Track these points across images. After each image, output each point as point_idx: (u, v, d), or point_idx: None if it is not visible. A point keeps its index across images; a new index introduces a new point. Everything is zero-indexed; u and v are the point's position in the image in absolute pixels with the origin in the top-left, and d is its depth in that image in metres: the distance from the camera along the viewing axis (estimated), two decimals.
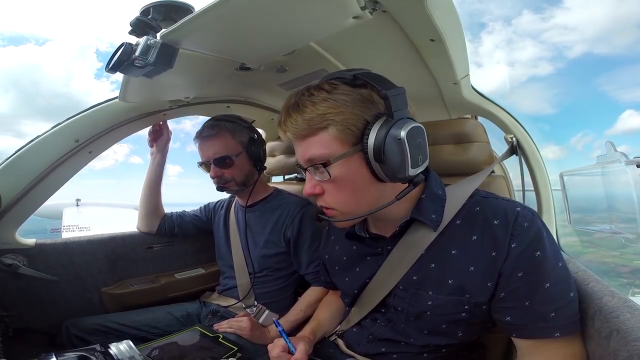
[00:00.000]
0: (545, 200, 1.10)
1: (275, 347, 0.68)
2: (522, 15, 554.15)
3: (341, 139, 0.55)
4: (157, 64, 0.63)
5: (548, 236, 0.56)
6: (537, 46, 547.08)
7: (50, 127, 1.00)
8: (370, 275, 0.69)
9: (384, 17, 0.65)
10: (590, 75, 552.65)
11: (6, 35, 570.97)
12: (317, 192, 0.60)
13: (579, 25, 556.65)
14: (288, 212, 1.10)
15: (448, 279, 0.59)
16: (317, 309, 0.89)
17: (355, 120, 0.54)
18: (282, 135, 0.61)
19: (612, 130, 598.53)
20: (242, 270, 1.14)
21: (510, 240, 0.55)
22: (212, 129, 1.07)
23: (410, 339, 0.66)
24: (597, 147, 5.71)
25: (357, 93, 0.55)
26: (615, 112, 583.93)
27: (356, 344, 0.73)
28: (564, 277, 0.55)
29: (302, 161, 0.60)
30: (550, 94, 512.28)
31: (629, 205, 1.09)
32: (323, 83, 0.57)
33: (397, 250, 0.65)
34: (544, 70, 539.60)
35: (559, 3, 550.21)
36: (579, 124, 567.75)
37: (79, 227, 4.35)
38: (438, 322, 0.62)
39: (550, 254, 0.54)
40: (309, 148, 0.58)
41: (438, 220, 0.61)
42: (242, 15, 0.58)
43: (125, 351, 0.75)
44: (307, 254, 1.08)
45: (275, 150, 1.41)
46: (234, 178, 1.08)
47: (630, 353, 0.41)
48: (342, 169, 0.56)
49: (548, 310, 0.53)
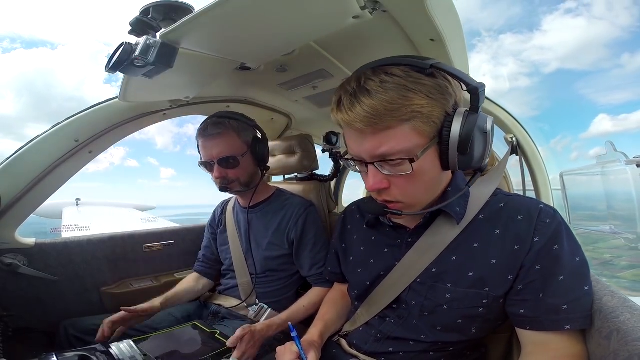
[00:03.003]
0: (545, 200, 1.10)
1: (287, 353, 0.65)
2: (505, 37, 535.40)
3: (422, 132, 0.52)
4: (157, 63, 0.63)
5: (567, 232, 0.57)
6: (517, 63, 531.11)
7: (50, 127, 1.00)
8: (385, 268, 0.69)
9: (384, 17, 0.65)
10: (563, 84, 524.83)
11: (24, 38, 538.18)
12: (384, 186, 0.56)
13: (553, 46, 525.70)
14: (292, 214, 1.10)
15: (469, 271, 0.60)
16: (321, 308, 0.87)
17: (438, 113, 0.53)
18: (342, 122, 0.55)
19: (586, 134, 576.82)
20: (242, 270, 1.13)
21: (533, 235, 0.56)
22: (216, 127, 1.02)
23: (421, 335, 0.65)
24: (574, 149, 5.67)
25: (435, 83, 0.52)
26: (588, 116, 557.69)
27: (362, 343, 0.72)
28: (579, 271, 0.56)
29: (369, 156, 0.55)
30: (529, 99, 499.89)
31: (628, 205, 1.09)
32: (391, 68, 0.52)
33: (420, 243, 0.65)
34: (523, 83, 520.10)
35: (538, 27, 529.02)
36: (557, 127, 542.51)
37: (79, 226, 4.35)
38: (454, 317, 0.62)
39: (567, 248, 0.55)
40: (384, 142, 0.52)
41: (462, 214, 0.62)
42: (242, 15, 0.58)
43: (126, 351, 0.75)
44: (309, 256, 1.07)
45: (275, 150, 1.41)
46: (239, 179, 1.05)
47: (630, 353, 0.41)
48: (421, 162, 0.53)
49: (561, 303, 0.54)
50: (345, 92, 0.54)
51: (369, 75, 0.53)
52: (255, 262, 1.11)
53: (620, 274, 3.30)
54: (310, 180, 1.39)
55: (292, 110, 1.44)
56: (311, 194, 1.31)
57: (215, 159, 1.02)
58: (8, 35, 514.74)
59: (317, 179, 1.40)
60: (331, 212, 1.36)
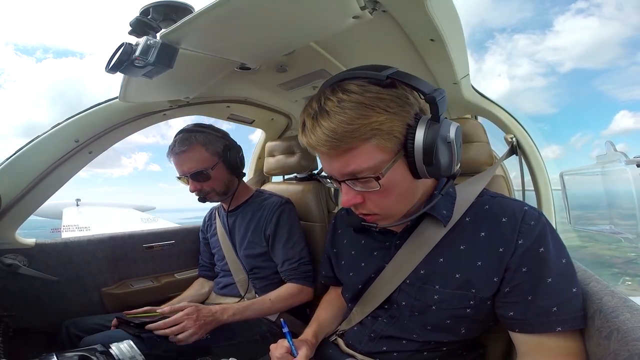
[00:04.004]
0: (545, 200, 1.10)
1: (278, 348, 0.67)
2: (518, 37, 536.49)
3: (385, 147, 0.52)
4: (157, 63, 0.63)
5: (552, 234, 0.57)
6: (531, 64, 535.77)
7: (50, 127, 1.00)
8: (375, 271, 0.70)
9: (383, 17, 0.65)
10: (581, 81, 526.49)
11: (56, 48, 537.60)
12: (358, 202, 0.57)
13: (567, 46, 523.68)
14: (268, 211, 1.11)
15: (455, 273, 0.61)
16: (317, 310, 0.88)
17: (399, 127, 0.52)
18: (308, 146, 0.55)
19: (608, 131, 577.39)
20: (238, 268, 1.15)
21: (517, 237, 0.57)
22: (183, 144, 1.03)
23: (413, 335, 0.66)
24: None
25: (393, 95, 0.52)
26: (610, 112, 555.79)
27: (357, 342, 0.73)
28: (566, 272, 0.56)
29: (339, 174, 0.55)
30: (547, 95, 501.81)
31: (629, 205, 1.09)
32: (348, 84, 0.53)
33: (408, 245, 0.66)
34: (538, 83, 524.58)
35: (550, 27, 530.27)
36: (576, 124, 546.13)
37: (79, 227, 4.35)
38: (442, 317, 0.63)
39: (553, 250, 0.55)
40: (350, 162, 0.53)
41: (448, 217, 0.63)
42: (242, 15, 0.58)
43: (126, 351, 0.75)
44: (282, 251, 1.08)
45: (275, 151, 1.41)
46: (214, 189, 1.07)
47: (630, 353, 0.41)
48: (389, 177, 0.54)
49: (550, 305, 0.54)
50: (307, 114, 0.54)
51: (327, 94, 0.53)
52: (242, 261, 1.13)
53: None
54: (310, 181, 1.39)
55: (292, 110, 1.44)
56: (310, 194, 1.31)
57: (187, 174, 1.04)
58: (41, 45, 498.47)
59: (316, 179, 1.40)
60: (331, 212, 1.36)
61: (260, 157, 1.65)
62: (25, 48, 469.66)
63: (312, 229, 1.26)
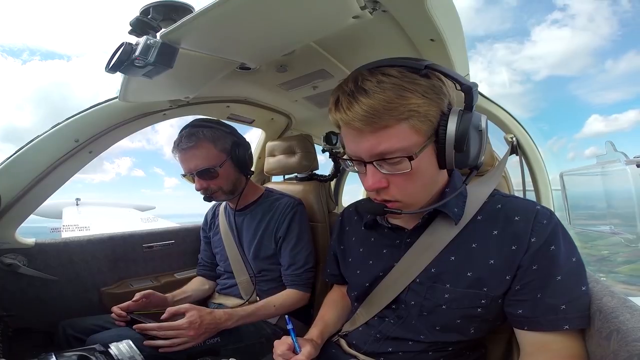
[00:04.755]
0: (545, 200, 1.10)
1: (282, 345, 0.67)
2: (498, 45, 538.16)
3: (419, 130, 0.53)
4: (157, 63, 0.63)
5: (564, 233, 0.58)
6: (509, 72, 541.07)
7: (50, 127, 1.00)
8: (384, 269, 0.69)
9: (384, 17, 0.65)
10: (556, 87, 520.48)
11: (43, 50, 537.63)
12: (383, 186, 0.57)
13: (543, 55, 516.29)
14: (280, 213, 1.09)
15: (467, 271, 0.61)
16: (321, 309, 0.87)
17: (435, 112, 0.53)
18: (340, 122, 0.56)
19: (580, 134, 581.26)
20: (241, 269, 1.13)
21: (530, 235, 0.57)
22: (190, 140, 0.98)
23: (420, 335, 0.65)
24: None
25: (430, 83, 0.53)
26: (581, 116, 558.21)
27: (362, 343, 0.72)
28: (576, 271, 0.56)
29: (367, 155, 0.55)
30: (525, 100, 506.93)
31: (628, 205, 1.09)
32: (387, 69, 0.53)
33: (419, 243, 0.65)
34: (516, 90, 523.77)
35: (528, 37, 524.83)
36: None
37: (79, 226, 4.35)
38: (453, 317, 0.62)
39: (564, 248, 0.56)
40: (382, 140, 0.53)
41: (460, 215, 0.63)
42: (242, 15, 0.58)
43: (125, 351, 0.75)
44: (290, 255, 1.07)
45: (275, 150, 1.41)
46: (221, 188, 1.03)
47: (630, 353, 0.41)
48: (419, 160, 0.54)
49: (559, 303, 0.54)
50: (343, 92, 0.54)
51: (366, 75, 0.53)
52: (249, 263, 1.11)
53: (618, 269, 3.43)
54: (310, 180, 1.39)
55: (292, 110, 1.44)
56: (311, 194, 1.31)
57: (194, 172, 1.00)
58: (28, 47, 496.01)
59: (317, 179, 1.40)
60: (331, 212, 1.36)
61: (260, 157, 1.65)
62: (12, 49, 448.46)
63: (313, 229, 1.25)
